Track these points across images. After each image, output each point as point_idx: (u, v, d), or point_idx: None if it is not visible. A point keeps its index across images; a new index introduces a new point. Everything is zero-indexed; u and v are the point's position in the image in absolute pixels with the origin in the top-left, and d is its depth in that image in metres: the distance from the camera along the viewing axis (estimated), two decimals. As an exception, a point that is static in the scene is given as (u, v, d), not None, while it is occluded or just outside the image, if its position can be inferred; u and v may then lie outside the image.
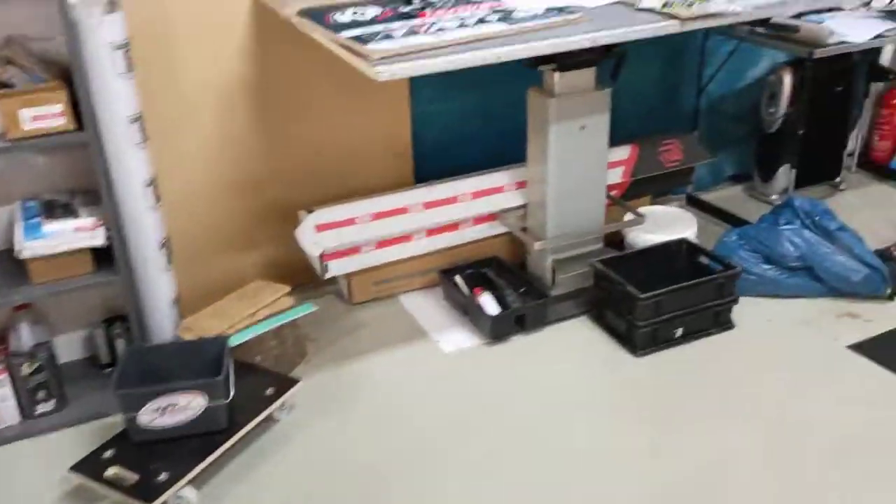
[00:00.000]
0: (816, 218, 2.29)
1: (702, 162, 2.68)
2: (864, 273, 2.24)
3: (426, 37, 1.66)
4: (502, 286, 2.30)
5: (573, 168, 2.23)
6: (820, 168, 2.95)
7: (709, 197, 2.96)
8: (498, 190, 2.40)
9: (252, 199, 2.33)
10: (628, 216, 2.43)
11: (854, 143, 3.11)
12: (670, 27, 1.78)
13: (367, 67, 1.53)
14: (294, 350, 2.09)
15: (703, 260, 2.25)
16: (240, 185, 2.31)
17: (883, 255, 2.33)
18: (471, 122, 2.57)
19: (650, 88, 2.81)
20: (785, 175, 2.83)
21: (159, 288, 1.96)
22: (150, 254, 1.91)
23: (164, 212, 1.96)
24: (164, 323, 1.99)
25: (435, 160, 2.57)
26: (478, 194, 2.38)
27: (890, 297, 2.28)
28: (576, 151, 2.21)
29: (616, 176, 2.52)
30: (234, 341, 1.88)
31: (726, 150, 3.06)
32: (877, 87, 3.09)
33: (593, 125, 2.20)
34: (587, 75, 2.13)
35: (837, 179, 3.00)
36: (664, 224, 2.45)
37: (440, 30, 1.71)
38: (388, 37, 1.66)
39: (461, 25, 1.74)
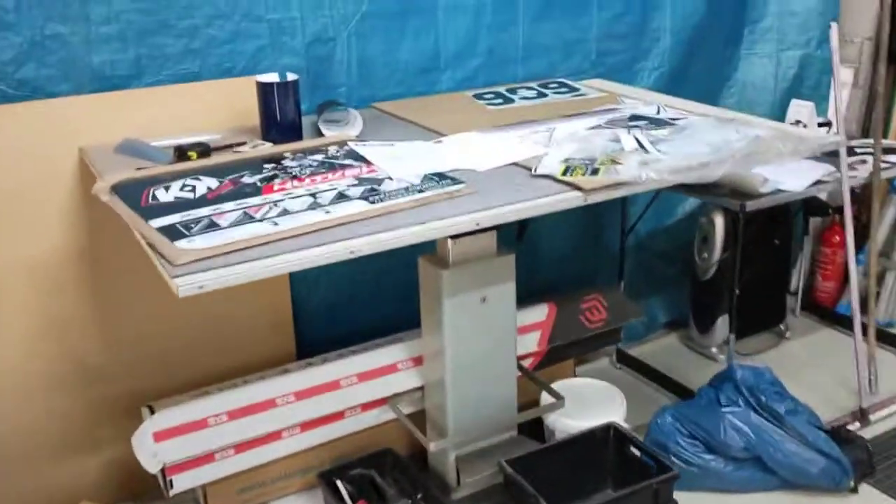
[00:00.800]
0: (762, 398, 1.95)
1: (629, 321, 2.35)
2: (821, 464, 1.89)
3: (261, 225, 1.30)
4: (392, 497, 1.89)
5: (475, 345, 1.87)
6: (762, 315, 2.65)
7: (642, 351, 2.62)
8: (389, 370, 2.01)
9: (87, 392, 1.91)
10: (545, 398, 2.06)
11: (797, 280, 2.83)
12: (571, 200, 1.46)
13: (168, 277, 1.16)
14: None
15: (635, 451, 1.88)
16: (70, 377, 1.88)
17: (840, 435, 2.00)
18: (362, 282, 2.21)
19: (567, 231, 2.50)
20: (723, 326, 2.51)
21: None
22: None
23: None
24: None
25: (321, 328, 2.19)
26: (365, 376, 1.99)
27: (853, 490, 1.93)
28: (477, 327, 1.85)
29: (531, 343, 2.16)
30: None
31: (658, 295, 2.75)
32: (815, 221, 2.83)
33: (496, 296, 1.85)
34: (486, 240, 1.80)
35: (782, 326, 2.70)
36: (588, 402, 2.08)
37: (283, 212, 1.35)
38: (212, 225, 1.30)
39: (313, 204, 1.38)
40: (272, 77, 1.77)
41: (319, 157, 1.64)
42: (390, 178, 1.50)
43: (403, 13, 2.11)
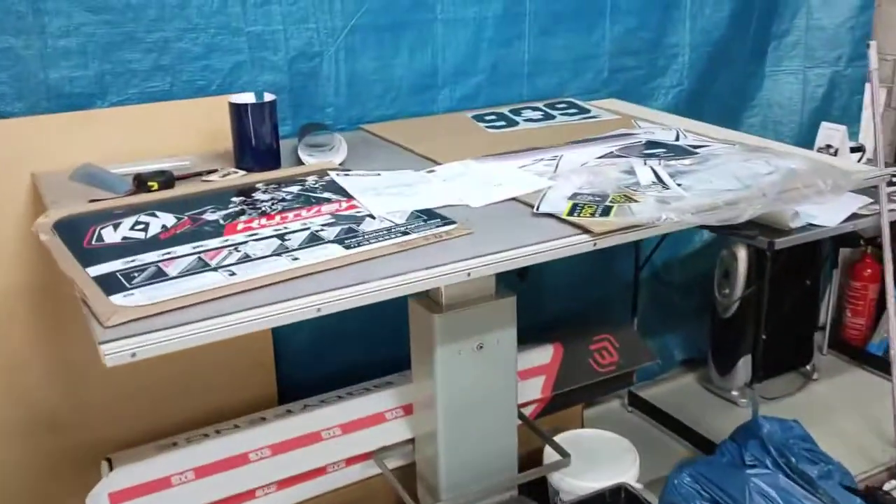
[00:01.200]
0: (792, 459, 1.75)
1: (643, 364, 2.14)
2: (858, 537, 1.69)
3: (215, 275, 1.11)
4: (376, 567, 1.70)
5: (470, 395, 1.67)
6: (788, 355, 2.44)
7: (656, 393, 2.42)
8: (377, 420, 1.82)
9: (40, 441, 1.73)
10: (549, 453, 1.86)
11: (824, 315, 2.62)
12: (578, 245, 1.27)
13: (96, 338, 0.97)
14: None
15: (648, 517, 1.68)
16: (22, 425, 1.70)
17: (876, 500, 1.79)
18: (351, 318, 2.01)
19: (575, 260, 2.28)
20: (745, 368, 2.31)
21: None
22: None
23: None
24: None
25: (305, 368, 2.00)
26: (350, 427, 1.79)
27: (893, 563, 1.73)
28: (473, 376, 1.66)
29: (534, 390, 1.97)
30: None
31: (674, 330, 2.55)
32: (845, 252, 2.63)
33: (495, 342, 1.65)
34: (483, 281, 1.61)
35: (808, 367, 2.50)
36: (597, 458, 1.88)
37: (244, 258, 1.16)
38: (158, 274, 1.11)
39: (279, 248, 1.19)
40: (247, 97, 1.59)
41: (296, 188, 1.46)
42: (372, 217, 1.32)
43: (397, 26, 1.93)
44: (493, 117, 1.97)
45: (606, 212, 1.32)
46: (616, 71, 2.24)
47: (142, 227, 1.28)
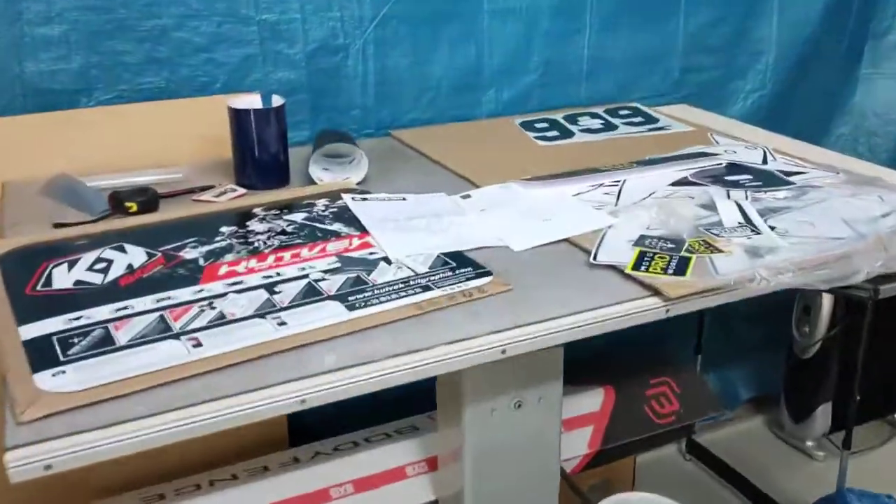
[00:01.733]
0: (889, 550, 1.46)
1: (708, 417, 1.86)
2: None
3: (174, 345, 0.86)
4: None
5: (504, 455, 1.42)
6: (873, 401, 2.13)
7: (718, 438, 2.13)
8: (396, 475, 1.57)
9: (13, 488, 1.52)
10: (593, 525, 1.59)
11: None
12: (646, 311, 0.99)
13: (3, 439, 0.74)
14: None
15: None
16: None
17: None
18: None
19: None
20: (824, 417, 2.01)
21: None
22: None
23: None
24: None
25: (319, 406, 1.77)
26: (364, 484, 1.55)
27: None
28: (508, 435, 1.40)
29: (579, 444, 1.70)
30: None
31: (741, 365, 2.25)
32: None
33: (535, 400, 1.39)
34: (525, 327, 1.34)
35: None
36: (649, 529, 1.62)
37: (217, 320, 0.91)
38: (104, 342, 0.87)
39: (265, 305, 0.94)
40: (252, 100, 1.34)
41: (301, 216, 1.21)
42: (387, 261, 1.06)
43: (437, 16, 1.66)
44: (544, 125, 1.69)
45: (682, 267, 1.04)
46: (688, 71, 1.94)
47: (103, 266, 1.04)
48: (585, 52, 1.82)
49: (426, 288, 0.99)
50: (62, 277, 1.01)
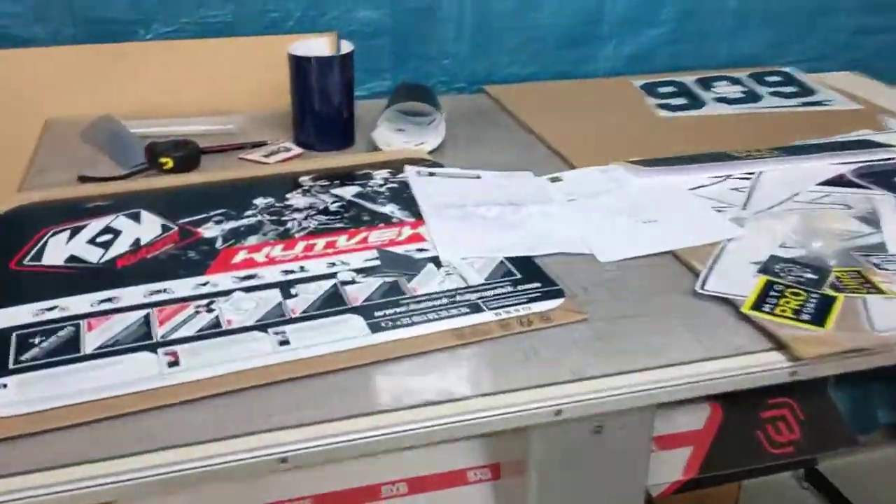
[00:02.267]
0: None
1: (836, 451, 1.57)
2: None
3: (148, 359, 0.69)
4: None
5: (579, 487, 1.21)
6: None
7: (845, 468, 1.83)
8: (455, 479, 1.39)
9: None
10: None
11: None
12: (764, 373, 0.75)
13: None
14: None
15: None
16: None
17: None
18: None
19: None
20: (982, 459, 1.68)
21: None
22: None
23: None
24: None
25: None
26: (418, 484, 1.37)
27: None
28: (584, 467, 1.18)
29: (673, 467, 1.45)
30: None
31: (881, 383, 1.93)
32: None
33: (617, 427, 1.16)
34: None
35: None
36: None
37: (211, 329, 0.74)
38: (69, 346, 0.71)
39: (271, 315, 0.76)
40: (318, 44, 1.15)
41: (352, 190, 1.01)
42: (436, 264, 0.85)
43: (552, -49, 1.40)
44: (670, 89, 1.41)
45: (822, 312, 0.77)
46: (859, 32, 1.59)
47: (107, 239, 0.88)
48: (731, 2, 1.51)
49: (475, 308, 0.78)
50: (56, 250, 0.86)
